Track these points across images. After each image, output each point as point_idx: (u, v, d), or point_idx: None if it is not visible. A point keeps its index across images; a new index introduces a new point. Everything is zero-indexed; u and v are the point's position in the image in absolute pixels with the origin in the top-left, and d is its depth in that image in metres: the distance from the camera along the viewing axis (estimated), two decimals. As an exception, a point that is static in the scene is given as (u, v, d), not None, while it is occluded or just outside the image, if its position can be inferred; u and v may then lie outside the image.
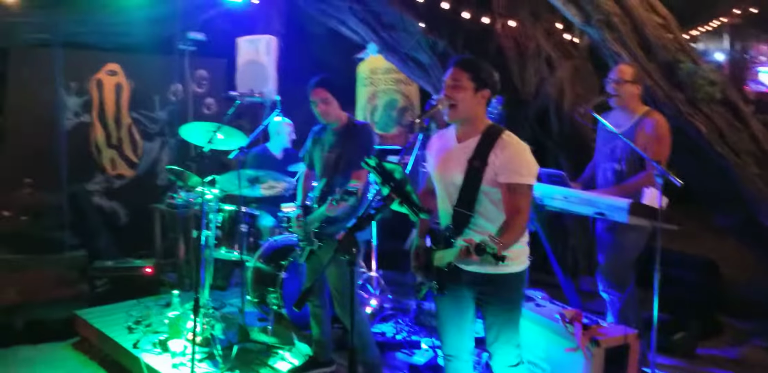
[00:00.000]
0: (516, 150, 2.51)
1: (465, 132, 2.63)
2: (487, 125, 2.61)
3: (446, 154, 2.66)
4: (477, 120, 2.60)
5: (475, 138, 2.57)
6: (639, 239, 3.58)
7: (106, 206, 6.08)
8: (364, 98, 6.87)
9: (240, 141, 4.08)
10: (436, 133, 2.83)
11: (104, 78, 6.01)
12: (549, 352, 3.11)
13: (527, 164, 2.51)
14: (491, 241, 2.12)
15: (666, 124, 3.58)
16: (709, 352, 4.20)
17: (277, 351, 4.03)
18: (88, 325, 4.55)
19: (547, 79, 5.50)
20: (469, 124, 2.60)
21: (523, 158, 2.51)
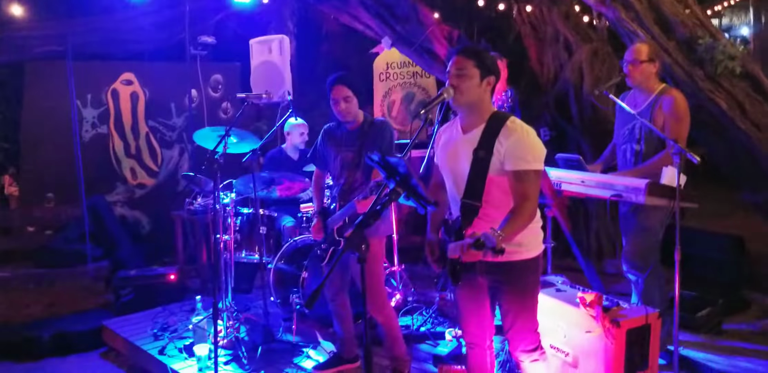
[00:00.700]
0: (520, 136, 2.46)
1: (470, 122, 2.59)
2: (491, 113, 2.56)
3: (452, 146, 2.64)
4: (482, 108, 2.56)
5: (480, 127, 2.54)
6: (662, 219, 3.53)
7: (128, 216, 6.13)
8: (381, 93, 6.82)
9: (253, 144, 4.07)
10: (441, 127, 2.80)
11: (120, 88, 6.06)
12: (570, 336, 3.09)
13: (532, 150, 2.46)
14: (492, 234, 2.09)
15: (684, 102, 3.50)
16: (736, 327, 4.17)
17: (302, 350, 4.00)
18: (115, 334, 4.55)
19: (565, 64, 5.41)
20: (475, 113, 2.57)
21: (528, 144, 2.46)
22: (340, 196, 3.44)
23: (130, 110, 6.13)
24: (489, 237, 2.05)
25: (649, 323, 2.96)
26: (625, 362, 2.89)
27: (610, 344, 2.86)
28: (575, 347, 3.07)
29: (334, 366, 3.72)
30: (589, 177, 3.44)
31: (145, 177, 6.27)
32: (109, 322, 4.72)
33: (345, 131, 3.47)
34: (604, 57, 5.43)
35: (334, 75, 3.36)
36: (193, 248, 5.33)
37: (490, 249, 2.04)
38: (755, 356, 3.70)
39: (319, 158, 3.61)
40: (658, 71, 3.60)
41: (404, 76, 6.66)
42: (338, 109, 3.35)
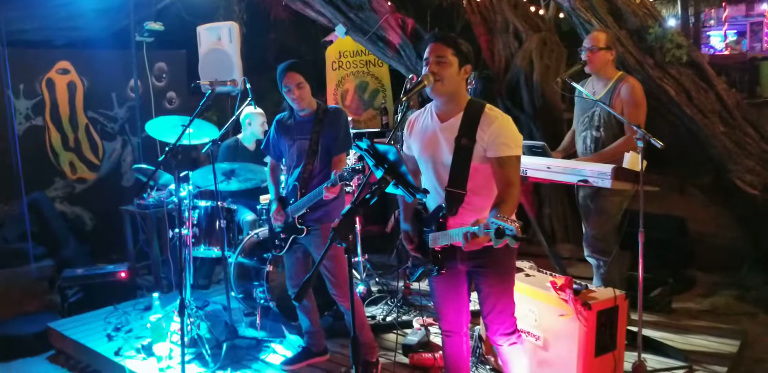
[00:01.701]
0: (501, 123, 2.48)
1: (447, 110, 2.58)
2: (468, 101, 2.57)
3: (430, 135, 2.61)
4: (459, 96, 2.57)
5: (458, 116, 2.54)
6: (621, 203, 3.64)
7: (69, 212, 5.83)
8: (333, 82, 6.72)
9: (211, 134, 3.93)
10: (411, 115, 2.77)
11: (55, 77, 5.73)
12: (541, 320, 3.14)
13: (513, 136, 2.49)
14: (504, 221, 2.04)
15: (641, 88, 3.61)
16: (684, 305, 4.36)
17: (268, 345, 3.92)
18: (63, 337, 4.34)
19: (516, 53, 5.47)
20: (452, 101, 2.56)
21: (509, 131, 2.49)
22: (300, 184, 3.39)
23: (67, 101, 5.81)
24: (507, 225, 2.01)
25: (617, 305, 3.03)
26: (596, 344, 2.95)
27: (582, 327, 2.92)
28: (546, 330, 3.12)
29: (303, 360, 3.66)
30: (554, 163, 3.48)
31: (86, 171, 5.97)
32: (57, 324, 4.51)
33: (298, 120, 3.44)
34: (553, 46, 5.53)
35: (285, 63, 3.32)
36: (144, 244, 5.12)
37: (512, 237, 2.00)
38: (708, 333, 3.86)
39: (274, 149, 3.57)
40: (614, 59, 3.69)
41: (357, 65, 6.58)
42: (292, 97, 3.31)
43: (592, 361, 2.94)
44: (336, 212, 3.36)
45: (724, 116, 4.46)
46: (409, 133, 2.74)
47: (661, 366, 3.45)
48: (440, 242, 2.53)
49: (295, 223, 3.38)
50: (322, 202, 3.29)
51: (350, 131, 3.43)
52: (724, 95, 4.48)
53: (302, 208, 3.34)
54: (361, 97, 6.58)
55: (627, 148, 3.51)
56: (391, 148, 2.21)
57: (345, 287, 3.39)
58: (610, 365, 3.03)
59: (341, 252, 3.33)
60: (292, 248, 3.49)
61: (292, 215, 3.40)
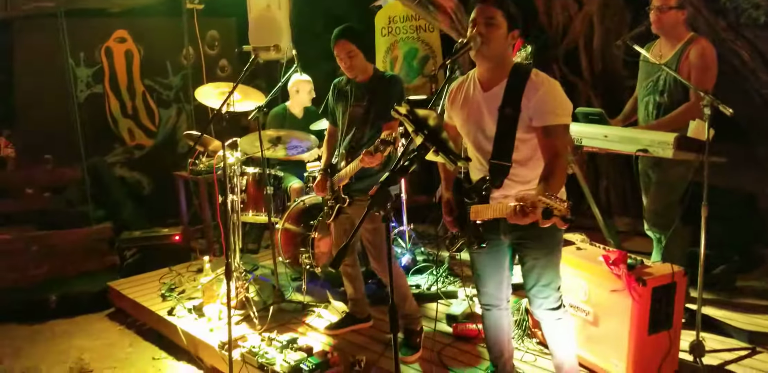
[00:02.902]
0: (548, 90, 2.33)
1: (491, 77, 2.43)
2: (512, 66, 2.42)
3: (473, 104, 2.49)
4: (505, 62, 2.42)
5: (502, 83, 2.40)
6: (685, 175, 3.42)
7: (128, 177, 6.01)
8: (383, 49, 6.59)
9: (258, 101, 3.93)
10: (453, 84, 2.63)
11: (113, 46, 5.85)
12: (591, 295, 3.02)
13: (561, 103, 2.34)
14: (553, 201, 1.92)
15: (713, 51, 3.34)
16: (749, 284, 4.15)
17: (314, 309, 3.97)
18: (121, 295, 4.52)
19: (575, 16, 5.21)
20: (497, 67, 2.41)
21: (556, 97, 2.34)
22: (347, 153, 3.33)
23: (125, 69, 5.93)
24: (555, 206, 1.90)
25: (675, 282, 2.88)
26: (650, 321, 2.82)
27: (634, 303, 2.79)
28: (596, 305, 3.00)
29: (346, 326, 3.69)
30: (612, 131, 3.30)
31: (144, 138, 6.12)
32: (115, 283, 4.70)
33: (354, 86, 3.34)
34: (615, 9, 5.23)
35: (337, 29, 3.20)
36: (197, 208, 5.24)
37: (560, 218, 1.91)
38: (773, 313, 3.67)
39: (331, 114, 3.50)
40: (685, 19, 3.44)
41: (407, 31, 6.41)
42: (344, 66, 3.23)
43: (645, 339, 2.82)
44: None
45: (802, 83, 4.18)
46: (450, 103, 2.60)
47: (721, 346, 3.30)
48: (482, 216, 2.41)
49: (340, 192, 3.34)
50: (367, 171, 3.22)
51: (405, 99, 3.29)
52: (803, 60, 4.19)
53: (346, 177, 3.29)
54: (410, 64, 6.44)
55: (691, 116, 3.25)
56: (431, 113, 2.12)
57: (385, 261, 3.35)
58: (665, 344, 2.90)
59: (381, 225, 3.26)
60: (340, 217, 3.44)
61: (337, 184, 3.35)
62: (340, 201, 3.35)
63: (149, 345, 4.12)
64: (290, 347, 3.31)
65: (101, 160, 5.83)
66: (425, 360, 3.31)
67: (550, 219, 1.93)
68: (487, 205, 2.40)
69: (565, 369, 2.70)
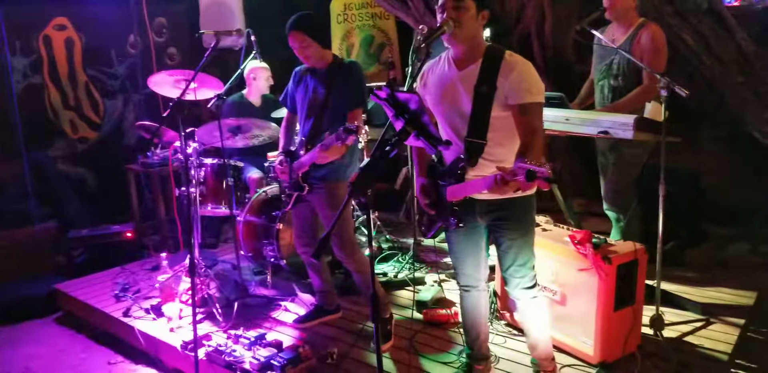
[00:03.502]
0: (523, 69, 2.39)
1: (465, 58, 2.47)
2: (486, 47, 2.46)
3: (448, 83, 2.51)
4: (478, 43, 2.46)
5: (477, 63, 2.44)
6: (642, 156, 3.56)
7: (71, 172, 5.72)
8: (339, 36, 6.50)
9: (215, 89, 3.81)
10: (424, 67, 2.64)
11: (52, 34, 5.54)
12: (559, 275, 3.09)
13: (536, 82, 2.40)
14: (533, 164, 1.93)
15: (662, 35, 3.48)
16: (697, 259, 4.34)
17: (280, 303, 3.88)
18: (70, 298, 4.31)
19: (527, 3, 5.27)
20: (471, 48, 2.46)
21: (531, 76, 2.39)
22: (307, 140, 3.29)
23: (65, 58, 5.63)
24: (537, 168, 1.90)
25: (637, 259, 2.98)
26: (615, 298, 2.90)
27: (601, 281, 2.86)
28: (563, 285, 3.07)
29: (315, 318, 3.63)
30: (573, 114, 3.36)
31: (87, 130, 5.84)
32: (63, 285, 4.47)
33: (314, 73, 3.32)
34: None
35: (289, 20, 3.15)
36: (150, 203, 5.04)
37: (544, 179, 1.90)
38: (723, 286, 3.85)
39: (290, 101, 3.46)
40: (636, 5, 3.54)
41: (363, 18, 6.33)
42: (300, 56, 3.21)
43: (611, 315, 2.90)
44: (341, 170, 3.27)
45: (743, 66, 4.32)
46: (422, 84, 2.63)
47: (679, 319, 3.43)
48: (460, 194, 2.44)
49: (298, 179, 3.30)
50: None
51: (365, 87, 3.28)
52: (743, 44, 4.33)
53: (306, 164, 3.24)
54: (366, 52, 6.38)
55: (645, 98, 3.43)
56: (412, 96, 2.09)
57: (350, 248, 3.33)
58: (629, 319, 3.00)
59: (348, 210, 3.25)
60: (299, 205, 3.40)
61: (296, 172, 3.31)
62: (299, 189, 3.31)
63: (103, 349, 3.94)
64: (259, 344, 3.22)
65: (43, 154, 5.53)
66: (397, 348, 3.29)
67: (533, 181, 1.93)
68: (464, 183, 2.42)
69: (540, 348, 2.77)
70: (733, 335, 3.25)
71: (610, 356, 2.96)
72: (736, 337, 3.22)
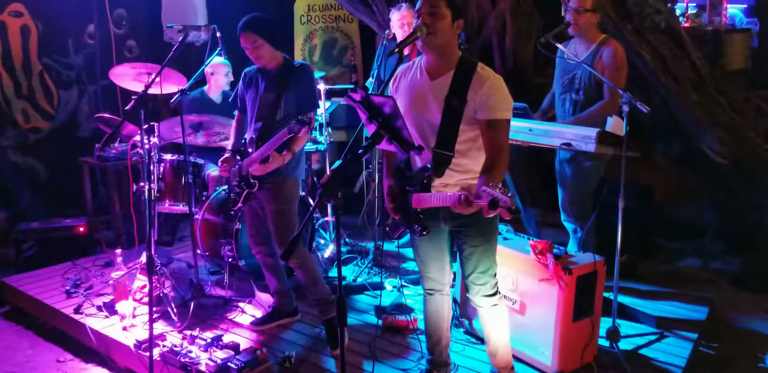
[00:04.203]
0: (494, 84, 2.40)
1: (438, 67, 2.47)
2: (459, 58, 2.46)
3: (418, 92, 2.51)
4: (451, 52, 2.46)
5: (449, 74, 2.44)
6: (598, 168, 3.63)
7: (21, 163, 5.52)
8: (301, 37, 6.47)
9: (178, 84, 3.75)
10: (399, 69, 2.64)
11: (7, 20, 5.33)
12: (519, 284, 3.12)
13: (506, 98, 2.42)
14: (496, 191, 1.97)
15: (623, 52, 3.57)
16: (649, 272, 4.42)
17: (237, 304, 3.83)
18: (18, 292, 4.17)
19: (489, 14, 5.34)
20: (443, 56, 2.46)
21: (501, 93, 2.41)
22: (257, 137, 3.31)
23: (20, 46, 5.43)
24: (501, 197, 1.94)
25: (597, 270, 3.03)
26: (574, 309, 2.94)
27: (561, 291, 2.91)
28: (523, 294, 3.10)
29: (272, 320, 3.60)
30: (537, 126, 3.43)
31: (40, 120, 5.64)
32: (11, 279, 4.33)
33: (264, 74, 3.36)
34: (526, 8, 5.41)
35: (241, 21, 3.19)
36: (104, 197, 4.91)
37: (506, 209, 1.94)
38: (674, 299, 3.94)
39: (240, 101, 3.50)
40: (599, 21, 3.63)
41: (326, 20, 6.35)
42: (251, 56, 3.26)
43: (570, 326, 2.94)
44: (291, 166, 3.31)
45: (697, 85, 4.43)
46: (395, 88, 2.62)
47: (634, 332, 3.50)
48: (425, 204, 2.45)
49: (248, 176, 3.31)
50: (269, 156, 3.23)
51: (316, 88, 3.40)
52: (698, 64, 4.45)
53: (255, 160, 3.26)
54: (329, 54, 6.37)
55: (605, 113, 3.51)
56: (387, 100, 2.10)
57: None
58: (587, 331, 3.04)
59: (288, 206, 3.30)
60: (249, 203, 3.42)
61: (246, 169, 3.33)
62: (249, 186, 3.32)
63: (52, 347, 3.83)
64: (215, 345, 3.18)
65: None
66: (355, 353, 3.28)
67: (495, 210, 1.98)
68: (430, 194, 2.44)
69: (500, 355, 2.80)
70: (686, 349, 3.32)
71: (567, 367, 2.99)
72: (689, 351, 3.30)
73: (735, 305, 4.06)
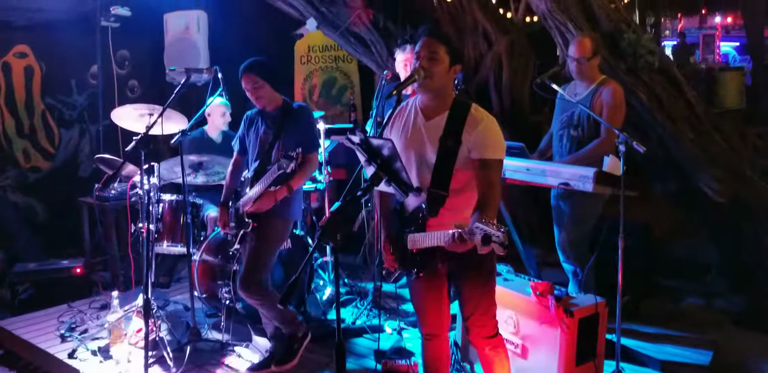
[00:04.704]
0: (488, 126, 2.45)
1: (433, 108, 2.52)
2: (453, 99, 2.52)
3: (414, 132, 2.55)
4: (446, 94, 2.52)
5: (444, 115, 2.49)
6: (596, 206, 3.63)
7: (21, 202, 5.52)
8: (301, 77, 6.57)
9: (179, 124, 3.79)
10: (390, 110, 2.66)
11: (12, 61, 5.42)
12: (520, 326, 3.09)
13: (499, 139, 2.47)
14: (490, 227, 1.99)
15: (622, 93, 3.62)
16: (651, 312, 4.33)
17: (233, 349, 3.77)
18: (12, 336, 4.11)
19: (486, 54, 5.42)
20: (438, 98, 2.51)
21: (495, 134, 2.46)
22: (254, 177, 3.37)
23: (23, 85, 5.50)
24: (494, 232, 1.95)
25: (598, 312, 3.00)
26: (577, 352, 2.91)
27: (563, 334, 2.87)
28: (525, 337, 3.07)
29: (269, 366, 3.51)
30: (534, 165, 3.44)
31: (40, 160, 5.67)
32: (6, 322, 4.28)
33: (264, 116, 3.46)
34: (522, 50, 5.50)
35: (244, 64, 3.33)
36: (102, 238, 4.89)
37: (499, 244, 1.93)
38: (678, 341, 3.85)
39: (240, 142, 3.59)
40: (600, 62, 3.67)
41: (326, 60, 6.46)
42: (251, 97, 3.36)
43: (573, 370, 2.90)
44: (285, 206, 3.35)
45: (693, 123, 4.46)
46: (390, 127, 2.65)
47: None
48: (420, 244, 2.45)
49: (243, 216, 3.34)
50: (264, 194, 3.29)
51: (315, 129, 3.49)
52: (693, 102, 4.49)
53: (251, 201, 3.30)
54: (328, 93, 6.46)
55: (602, 151, 3.51)
56: (386, 142, 2.13)
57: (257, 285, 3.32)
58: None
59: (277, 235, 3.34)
60: (245, 244, 3.44)
61: (242, 208, 3.36)
62: (245, 225, 3.35)
63: (46, 392, 3.76)
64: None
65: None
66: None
67: (488, 245, 1.99)
68: (424, 233, 2.44)
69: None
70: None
71: (570, 412, 2.92)
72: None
73: (740, 347, 3.95)
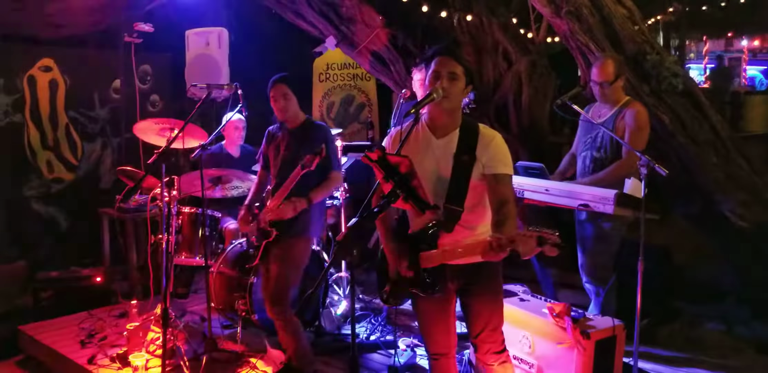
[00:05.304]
0: (498, 142, 2.51)
1: (443, 126, 2.55)
2: (462, 118, 2.57)
3: (426, 150, 2.56)
4: (457, 113, 2.56)
5: (455, 132, 2.53)
6: (620, 229, 3.59)
7: (44, 212, 5.63)
8: (320, 94, 6.67)
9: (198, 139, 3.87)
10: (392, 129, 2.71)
11: (37, 74, 5.57)
12: (536, 347, 3.06)
13: (509, 155, 2.53)
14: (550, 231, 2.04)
15: (646, 114, 3.60)
16: (670, 337, 4.27)
17: (249, 360, 3.80)
18: (34, 341, 4.17)
19: (505, 74, 5.46)
20: (450, 117, 2.54)
21: (506, 150, 2.53)
22: (274, 189, 3.45)
23: (48, 99, 5.64)
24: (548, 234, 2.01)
25: (616, 335, 2.97)
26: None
27: (579, 356, 2.84)
28: (540, 358, 3.03)
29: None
30: (553, 186, 3.44)
31: (63, 171, 5.79)
32: (27, 327, 4.34)
33: (285, 132, 3.53)
34: (542, 70, 5.53)
35: (276, 76, 3.43)
36: (122, 248, 4.97)
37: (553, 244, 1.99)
38: (696, 366, 3.78)
39: (263, 159, 3.66)
40: (624, 84, 3.67)
41: (344, 78, 6.56)
42: (278, 107, 3.42)
43: (589, 392, 2.86)
44: (305, 224, 3.40)
45: (717, 147, 4.40)
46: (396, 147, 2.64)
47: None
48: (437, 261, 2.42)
49: (265, 227, 3.39)
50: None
51: (335, 147, 3.54)
52: (718, 126, 4.43)
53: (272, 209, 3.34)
54: (346, 110, 6.54)
55: (623, 173, 3.49)
56: (403, 160, 2.16)
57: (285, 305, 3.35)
58: (608, 398, 2.94)
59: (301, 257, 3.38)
60: (266, 259, 3.47)
61: (263, 220, 3.41)
62: (266, 235, 3.39)
63: (64, 397, 3.81)
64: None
65: (17, 193, 5.45)
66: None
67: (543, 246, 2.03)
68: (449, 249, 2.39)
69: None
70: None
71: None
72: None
73: (760, 374, 3.88)
